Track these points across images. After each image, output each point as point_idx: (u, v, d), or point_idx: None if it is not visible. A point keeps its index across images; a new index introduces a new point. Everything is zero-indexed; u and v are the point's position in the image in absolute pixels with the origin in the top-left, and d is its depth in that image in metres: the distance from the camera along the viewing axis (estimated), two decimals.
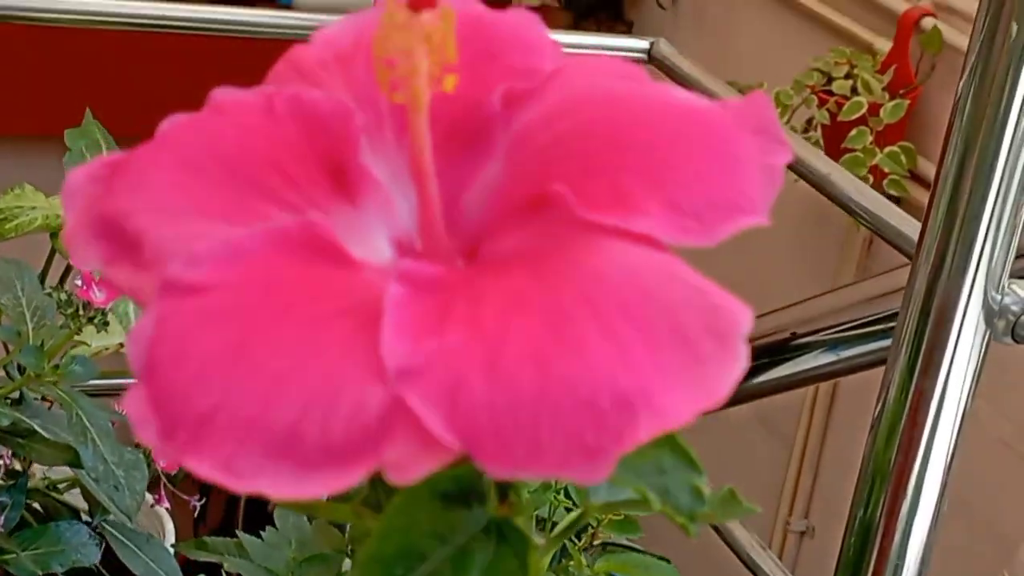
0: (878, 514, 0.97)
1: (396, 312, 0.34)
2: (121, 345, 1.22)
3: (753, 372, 1.38)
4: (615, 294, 0.34)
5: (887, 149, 2.44)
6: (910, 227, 0.98)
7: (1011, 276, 0.92)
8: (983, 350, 0.94)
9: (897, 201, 2.32)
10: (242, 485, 0.32)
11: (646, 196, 0.36)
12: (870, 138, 2.46)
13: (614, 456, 0.32)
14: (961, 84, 0.91)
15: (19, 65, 2.80)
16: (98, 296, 0.79)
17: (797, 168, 1.09)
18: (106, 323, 0.81)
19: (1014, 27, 0.85)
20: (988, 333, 0.93)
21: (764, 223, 0.36)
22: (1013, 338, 0.92)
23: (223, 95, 0.40)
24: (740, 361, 0.33)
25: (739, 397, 1.31)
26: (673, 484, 0.40)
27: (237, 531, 1.18)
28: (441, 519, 0.39)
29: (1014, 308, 0.91)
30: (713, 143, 0.37)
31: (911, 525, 0.97)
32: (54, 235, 1.19)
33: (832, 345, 1.28)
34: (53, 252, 1.18)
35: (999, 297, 0.91)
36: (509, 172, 0.39)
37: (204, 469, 0.32)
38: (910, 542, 0.98)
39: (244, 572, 0.94)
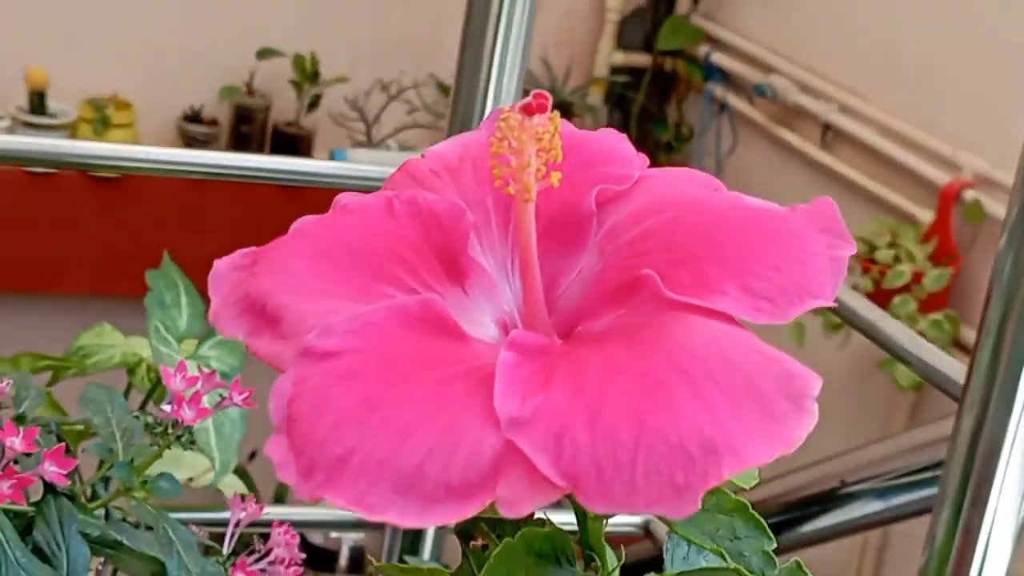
0: None
1: (507, 372, 0.39)
2: (190, 479, 1.27)
3: (803, 520, 1.41)
4: (700, 360, 0.39)
5: (930, 316, 2.48)
6: (956, 371, 1.02)
7: None
8: None
9: None
10: (375, 515, 0.37)
11: (724, 281, 0.41)
12: (914, 305, 2.51)
13: (700, 493, 0.37)
14: (1003, 240, 0.97)
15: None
16: (187, 415, 0.84)
17: (847, 315, 1.14)
18: (192, 441, 0.86)
19: None
20: None
21: (831, 304, 0.41)
22: None
23: (348, 198, 0.46)
24: (811, 417, 0.38)
25: (790, 545, 1.34)
26: (747, 548, 0.45)
27: None
28: (535, 573, 0.44)
29: None
30: (783, 237, 0.43)
31: None
32: (131, 371, 1.25)
33: (881, 493, 1.31)
34: (130, 386, 1.24)
35: None
36: (602, 263, 0.45)
37: (341, 502, 0.37)
38: None
39: None
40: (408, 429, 0.38)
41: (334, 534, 2.36)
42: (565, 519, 0.52)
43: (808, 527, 1.39)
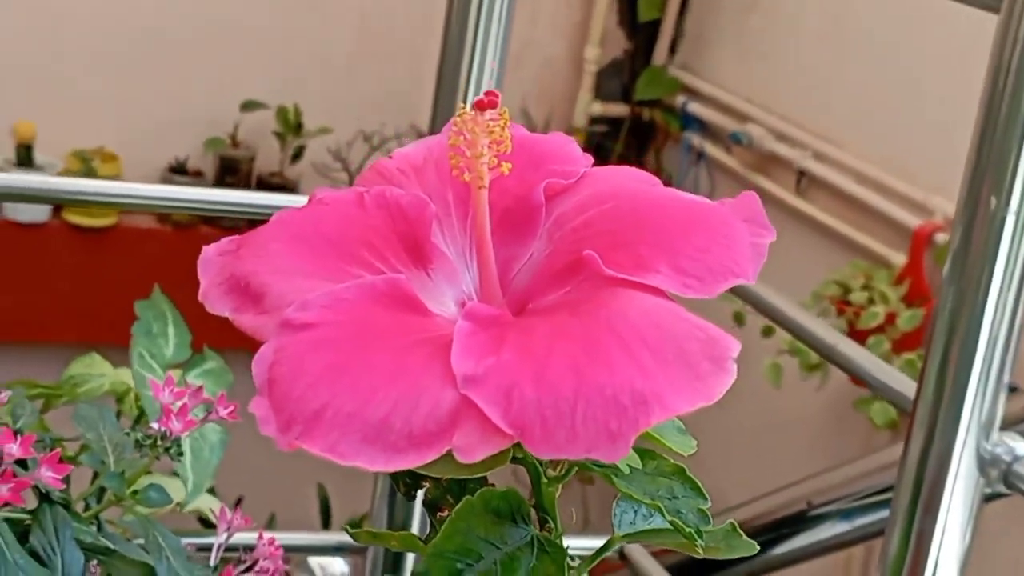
0: None
1: (463, 338, 0.44)
2: (179, 505, 1.31)
3: (774, 542, 1.45)
4: (634, 326, 0.44)
5: (904, 356, 2.53)
6: (909, 388, 1.07)
7: (1001, 428, 1.01)
8: (978, 499, 1.02)
9: None
10: (345, 461, 0.42)
11: (658, 261, 0.46)
12: (888, 345, 2.56)
13: (632, 438, 0.42)
14: (949, 260, 1.02)
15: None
16: (176, 426, 0.88)
17: (807, 339, 1.19)
18: (180, 452, 0.90)
19: (992, 201, 0.96)
20: (982, 481, 1.01)
21: (750, 282, 0.46)
22: (1006, 486, 1.01)
23: (323, 192, 0.52)
24: (730, 376, 0.43)
25: (759, 568, 1.38)
26: (683, 506, 0.50)
27: None
28: (493, 530, 0.49)
29: (1005, 458, 1.00)
30: (711, 224, 0.48)
31: None
32: (120, 399, 1.30)
33: (847, 514, 1.35)
34: (119, 414, 1.29)
35: (990, 448, 1.00)
36: (550, 248, 0.50)
37: (316, 450, 0.42)
38: None
39: None
40: (375, 387, 0.43)
41: (319, 574, 2.39)
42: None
43: (780, 548, 1.43)
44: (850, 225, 2.75)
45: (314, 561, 2.37)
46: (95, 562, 0.87)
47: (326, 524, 2.90)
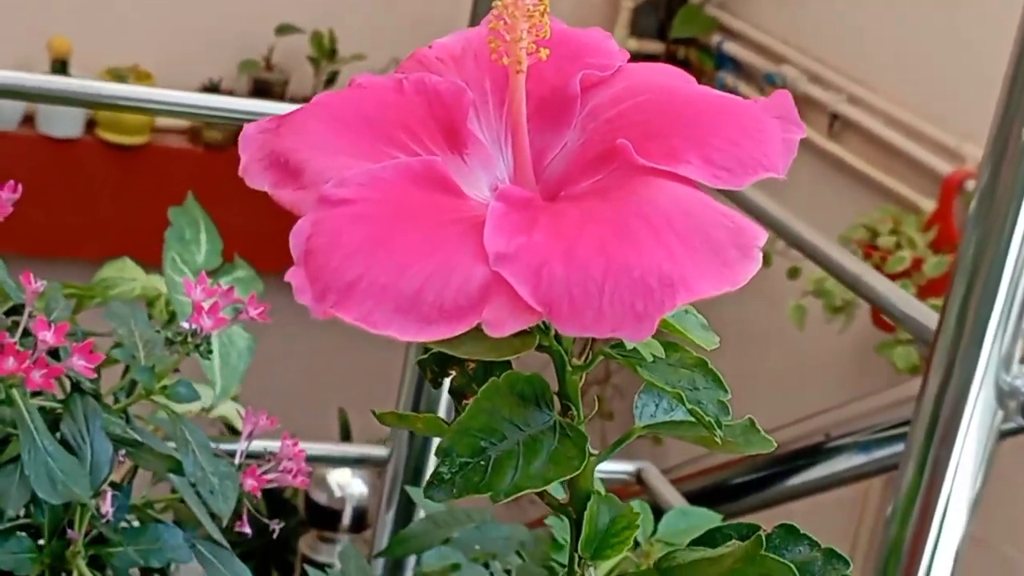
0: None
1: (496, 218, 0.45)
2: (204, 410, 1.33)
3: (789, 474, 1.47)
4: (663, 212, 0.45)
5: (929, 301, 2.52)
6: (931, 320, 1.08)
7: (1022, 360, 1.01)
8: (995, 432, 1.03)
9: None
10: (378, 330, 0.43)
11: (689, 152, 0.47)
12: (913, 291, 2.56)
13: (657, 319, 0.43)
14: (977, 195, 1.03)
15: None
16: (206, 323, 0.90)
17: (833, 270, 1.20)
18: (210, 351, 0.92)
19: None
20: (1000, 415, 1.02)
21: (780, 177, 0.47)
22: (1023, 417, 1.01)
23: (363, 78, 0.53)
24: (755, 263, 0.44)
25: (776, 498, 1.39)
26: (704, 397, 0.51)
27: (304, 565, 1.28)
28: (517, 412, 0.50)
29: None
30: (743, 119, 0.49)
31: None
32: (150, 304, 1.31)
33: (864, 446, 1.36)
34: (149, 318, 1.31)
35: (1010, 379, 1.01)
36: (584, 138, 0.51)
37: (349, 318, 0.44)
38: None
39: None
40: (409, 261, 0.44)
41: (339, 493, 2.41)
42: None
43: (796, 479, 1.44)
44: (881, 170, 2.75)
45: (333, 481, 2.40)
46: (123, 452, 0.89)
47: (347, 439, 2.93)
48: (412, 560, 1.31)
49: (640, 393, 0.55)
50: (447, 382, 0.56)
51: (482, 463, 0.49)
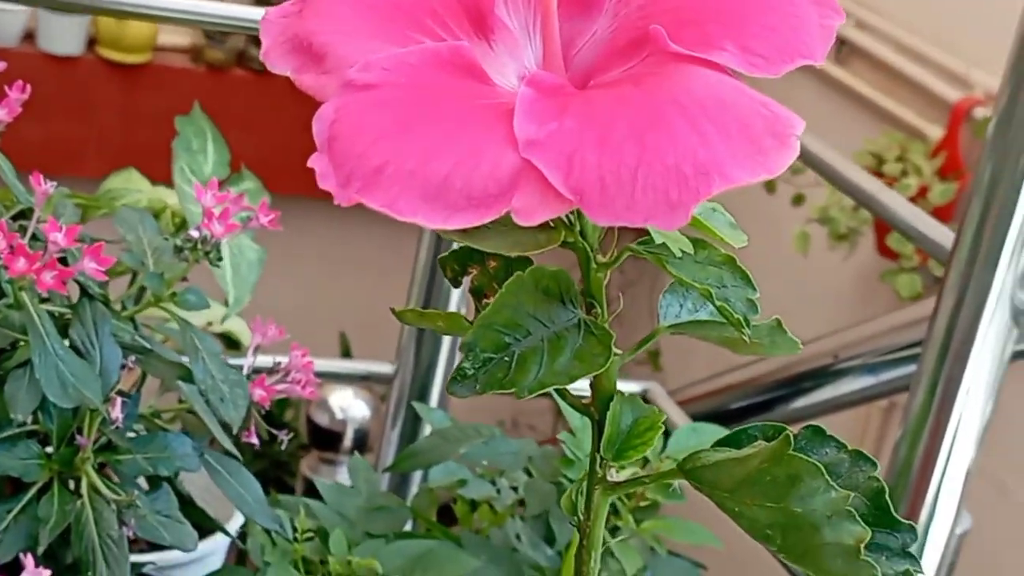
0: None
1: (526, 103, 0.44)
2: (209, 323, 1.32)
3: (797, 395, 1.46)
4: (698, 99, 0.44)
5: None
6: (947, 238, 1.07)
7: None
8: (1009, 353, 1.02)
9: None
10: (404, 217, 0.42)
11: (724, 39, 0.46)
12: None
13: (691, 207, 0.42)
14: (995, 118, 1.01)
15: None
16: (217, 229, 0.89)
17: (848, 188, 1.19)
18: (220, 258, 0.91)
19: None
20: (1015, 334, 1.01)
21: (819, 63, 0.46)
22: None
23: None
24: (793, 151, 0.43)
25: (783, 420, 1.38)
26: (732, 295, 0.50)
27: (313, 478, 1.27)
28: (542, 307, 0.49)
29: None
30: (780, 6, 0.48)
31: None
32: (157, 215, 1.30)
33: (872, 368, 1.35)
34: None
35: None
36: (615, 25, 0.50)
37: (375, 204, 0.42)
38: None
39: (317, 512, 1.03)
40: (436, 147, 0.43)
41: (340, 416, 2.41)
42: None
43: (802, 401, 1.44)
44: (888, 96, 2.73)
45: (335, 403, 2.40)
46: (133, 358, 0.88)
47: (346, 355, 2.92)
48: (418, 476, 1.31)
49: (665, 293, 0.54)
50: (467, 281, 0.55)
51: (506, 359, 0.48)
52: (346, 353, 2.97)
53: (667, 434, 1.12)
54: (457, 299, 1.24)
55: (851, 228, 2.66)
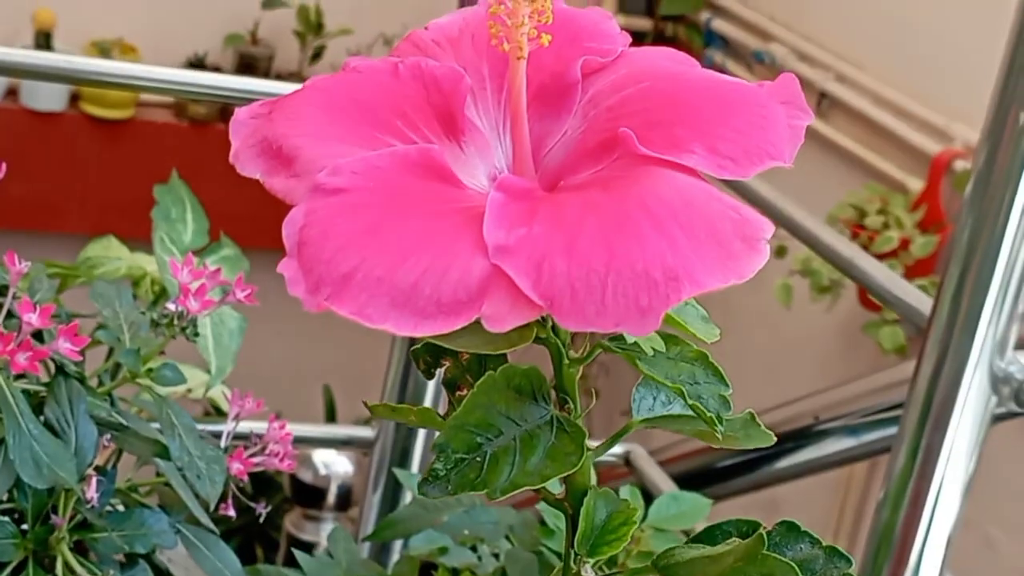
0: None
1: (496, 208, 0.44)
2: (188, 391, 1.32)
3: (779, 455, 1.46)
4: (667, 203, 0.44)
5: (916, 281, 2.52)
6: (924, 305, 1.07)
7: (1016, 348, 1.01)
8: (988, 417, 1.02)
9: None
10: (374, 324, 0.42)
11: (693, 141, 0.46)
12: (900, 271, 2.55)
13: (661, 313, 0.41)
14: (973, 178, 1.02)
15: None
16: (193, 305, 0.89)
17: (825, 253, 1.19)
18: (196, 333, 0.90)
19: (1021, 118, 0.95)
20: (993, 400, 1.01)
21: (787, 166, 0.46)
22: (1017, 404, 1.01)
23: (357, 61, 0.51)
24: (762, 256, 0.43)
25: (766, 481, 1.38)
26: (705, 392, 0.50)
27: (292, 549, 1.27)
28: (514, 406, 0.49)
29: (1018, 376, 1.00)
30: (748, 106, 0.48)
31: None
32: (136, 283, 1.30)
33: (853, 429, 1.35)
34: (134, 298, 1.29)
35: (1004, 365, 1.00)
36: (584, 126, 0.50)
37: (344, 312, 0.42)
38: None
39: None
40: (405, 253, 0.43)
41: (324, 471, 2.40)
42: None
43: (785, 462, 1.44)
44: (869, 149, 2.74)
45: (319, 459, 2.39)
46: (108, 436, 0.88)
47: (332, 420, 2.92)
48: (400, 542, 1.30)
49: (638, 386, 0.54)
50: (440, 372, 0.55)
51: (478, 459, 0.48)
52: (330, 405, 2.96)
53: (648, 499, 1.12)
54: (436, 383, 1.23)
55: (833, 280, 2.66)
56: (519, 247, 0.43)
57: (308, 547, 2.15)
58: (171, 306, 0.92)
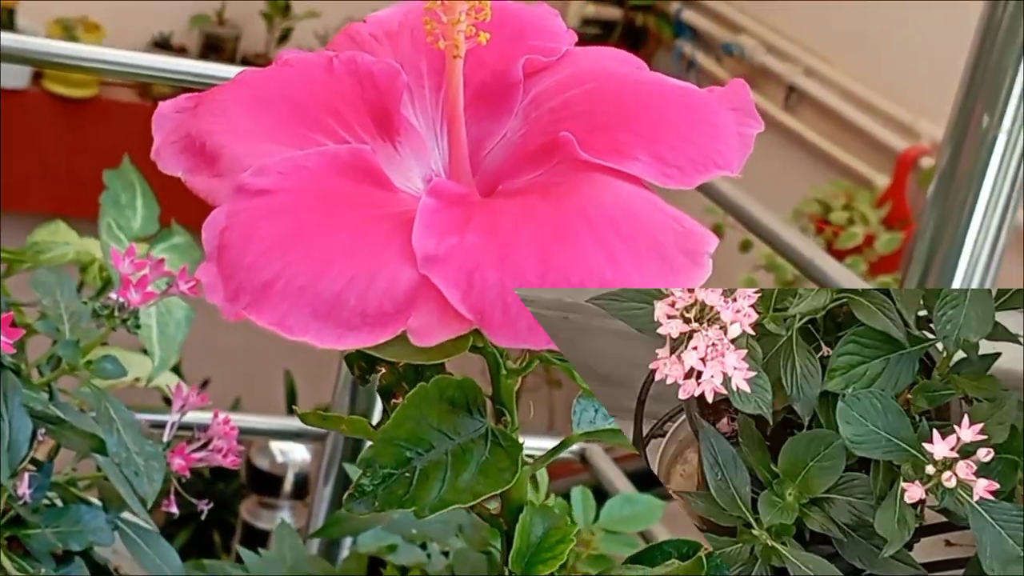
0: None
1: (427, 215, 0.42)
2: (136, 379, 1.29)
3: None
4: (607, 213, 0.42)
5: (880, 278, 2.51)
6: None
7: None
8: None
9: None
10: (293, 336, 0.40)
11: (637, 148, 0.44)
12: (864, 267, 2.54)
13: None
14: (936, 178, 1.00)
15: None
16: (134, 297, 0.86)
17: (784, 251, 1.17)
18: (138, 325, 0.88)
19: (985, 119, 0.94)
20: None
21: (734, 175, 0.44)
22: None
23: (290, 54, 0.49)
24: (705, 271, 0.41)
25: None
26: None
27: (236, 545, 1.24)
28: (447, 419, 0.47)
29: None
30: (696, 113, 0.46)
31: None
32: (83, 269, 1.27)
33: None
34: (81, 284, 1.26)
35: None
36: (525, 128, 0.47)
37: (263, 322, 0.40)
38: None
39: None
40: (330, 260, 0.41)
41: (280, 459, 2.37)
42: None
43: None
44: (836, 144, 2.73)
45: (275, 447, 2.36)
46: (44, 430, 0.85)
47: (291, 411, 2.90)
48: (349, 538, 1.28)
49: (579, 398, 0.52)
50: (375, 379, 0.53)
51: (407, 475, 0.46)
52: (291, 390, 2.94)
53: (601, 499, 1.10)
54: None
55: (798, 276, 2.65)
56: (449, 257, 0.40)
57: (263, 535, 2.13)
58: (113, 296, 0.89)
